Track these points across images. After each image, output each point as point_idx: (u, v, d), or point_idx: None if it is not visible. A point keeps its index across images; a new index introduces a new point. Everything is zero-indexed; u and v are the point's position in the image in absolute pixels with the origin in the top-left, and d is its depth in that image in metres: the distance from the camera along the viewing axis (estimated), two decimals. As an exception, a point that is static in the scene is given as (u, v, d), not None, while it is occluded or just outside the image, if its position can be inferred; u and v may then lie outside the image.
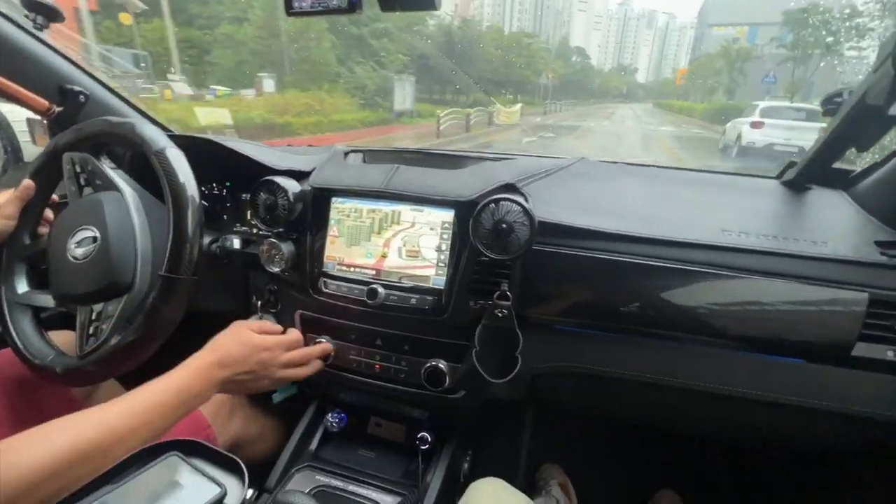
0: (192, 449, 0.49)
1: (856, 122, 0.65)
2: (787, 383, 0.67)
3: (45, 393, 0.76)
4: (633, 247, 0.70)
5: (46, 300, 0.72)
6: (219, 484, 0.45)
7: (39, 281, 0.75)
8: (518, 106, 17.44)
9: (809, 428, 0.74)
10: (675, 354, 0.71)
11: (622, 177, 0.90)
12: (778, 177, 0.86)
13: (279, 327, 0.76)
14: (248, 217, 0.96)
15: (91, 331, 0.67)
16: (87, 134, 0.73)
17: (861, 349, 0.62)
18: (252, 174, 0.85)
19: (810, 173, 0.78)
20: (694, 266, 0.66)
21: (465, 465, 0.91)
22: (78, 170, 0.74)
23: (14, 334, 0.70)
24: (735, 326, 0.66)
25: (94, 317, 0.67)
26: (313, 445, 0.89)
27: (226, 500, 0.45)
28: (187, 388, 0.59)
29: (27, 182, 0.74)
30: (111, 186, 0.72)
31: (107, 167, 0.73)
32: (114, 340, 0.64)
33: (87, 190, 0.73)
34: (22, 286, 0.74)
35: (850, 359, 0.63)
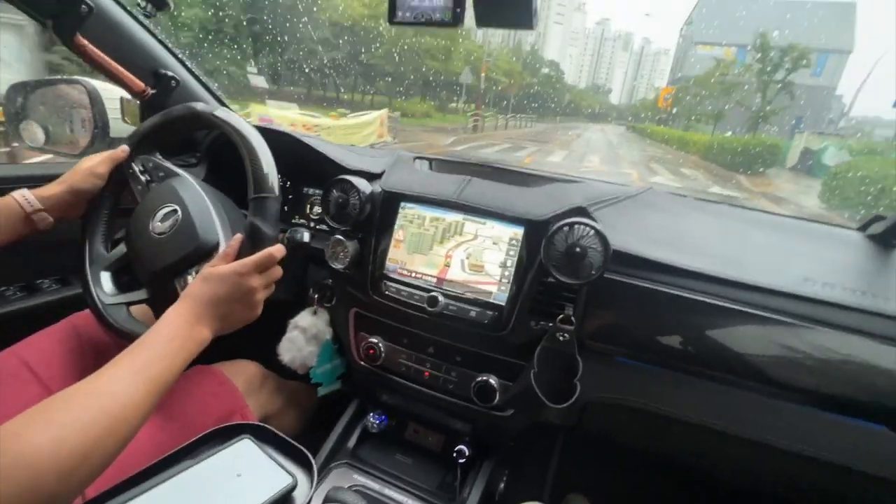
0: (263, 435, 0.51)
1: None
2: (865, 450, 0.63)
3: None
4: (707, 286, 0.68)
5: (139, 294, 0.74)
6: (291, 474, 0.46)
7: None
8: (375, 114, 9.26)
9: (878, 498, 0.69)
10: (742, 403, 0.68)
11: (693, 212, 0.88)
12: (861, 228, 0.82)
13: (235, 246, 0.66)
14: (308, 210, 0.99)
15: None
16: (174, 117, 0.77)
17: None
18: (320, 170, 0.88)
19: None
20: (773, 314, 0.64)
21: (502, 486, 0.90)
22: (140, 169, 0.79)
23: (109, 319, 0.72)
24: (811, 381, 0.63)
25: (192, 276, 0.69)
26: (351, 443, 0.89)
27: (295, 492, 0.46)
28: (176, 336, 0.55)
29: (124, 147, 0.78)
30: (173, 174, 0.78)
31: (165, 161, 0.80)
32: None
33: (153, 185, 0.78)
34: (103, 251, 0.77)
35: None
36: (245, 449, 0.49)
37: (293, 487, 0.45)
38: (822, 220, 0.90)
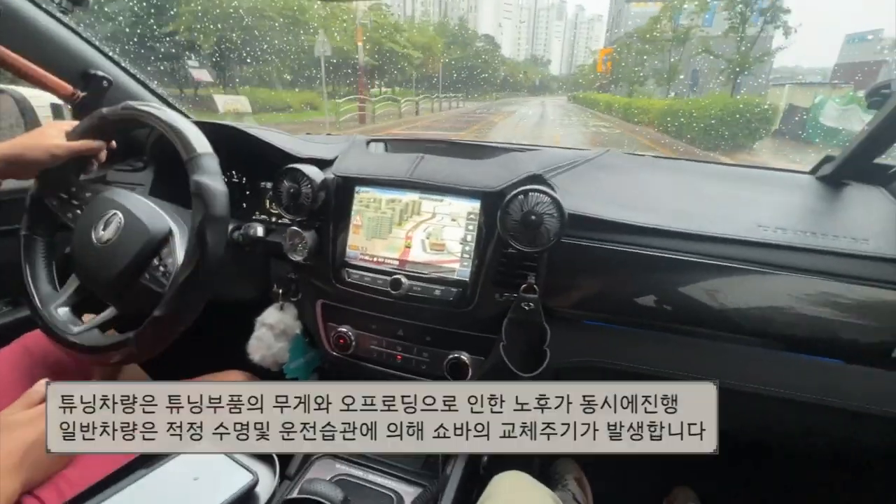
0: (222, 435, 0.49)
1: None
2: (824, 384, 0.65)
3: (73, 376, 0.77)
4: (664, 241, 0.68)
5: (108, 313, 0.71)
6: (251, 471, 0.45)
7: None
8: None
9: (845, 429, 0.72)
10: (706, 352, 0.69)
11: (650, 169, 0.88)
12: (812, 171, 0.83)
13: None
14: (268, 205, 0.96)
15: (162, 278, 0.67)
16: (134, 112, 0.72)
17: None
18: (273, 162, 0.85)
19: (849, 169, 0.76)
20: (728, 262, 0.65)
21: (485, 458, 0.91)
22: (63, 198, 0.75)
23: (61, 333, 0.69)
24: (770, 325, 0.64)
25: (158, 272, 0.67)
26: None
27: (257, 489, 0.45)
28: None
29: (102, 143, 0.74)
30: (101, 189, 0.74)
31: (83, 180, 0.77)
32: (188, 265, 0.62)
33: (85, 206, 0.74)
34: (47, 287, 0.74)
35: (891, 360, 0.61)
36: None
37: (254, 484, 0.44)
38: (778, 168, 0.92)
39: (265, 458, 0.47)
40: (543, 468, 1.19)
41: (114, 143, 0.78)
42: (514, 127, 17.16)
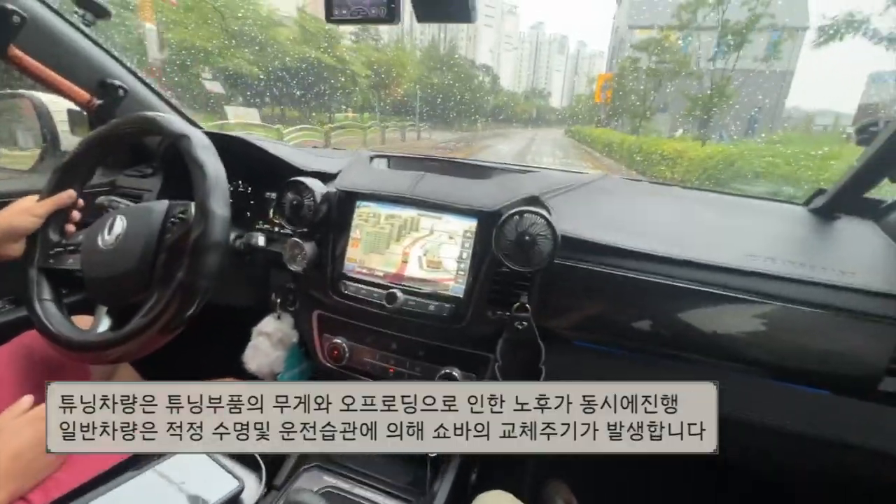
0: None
1: (892, 152, 0.64)
2: (811, 414, 0.65)
3: (70, 376, 0.78)
4: (654, 266, 0.69)
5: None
6: (237, 478, 0.46)
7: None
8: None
9: (830, 460, 0.72)
10: (694, 378, 0.69)
11: (646, 195, 0.89)
12: (805, 203, 0.85)
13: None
14: (271, 215, 0.98)
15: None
16: (120, 129, 0.75)
17: (889, 384, 0.61)
18: (278, 174, 0.87)
19: (840, 202, 0.77)
20: (718, 289, 0.66)
21: (473, 477, 0.91)
22: (59, 250, 0.76)
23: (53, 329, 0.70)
24: (758, 353, 0.65)
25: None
26: None
27: (243, 495, 0.45)
28: None
29: (71, 192, 0.76)
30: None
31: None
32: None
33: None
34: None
35: (878, 393, 0.61)
36: (192, 457, 0.48)
37: (240, 491, 0.45)
38: (772, 198, 0.93)
39: (252, 465, 0.48)
40: (534, 490, 1.17)
41: (80, 202, 0.79)
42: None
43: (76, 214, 0.79)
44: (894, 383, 0.61)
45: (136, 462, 0.48)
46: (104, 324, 0.71)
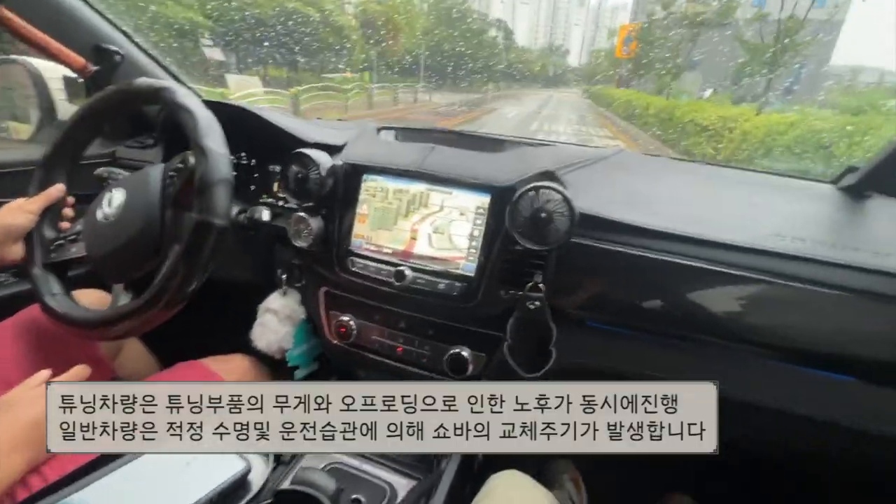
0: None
1: None
2: (834, 401, 0.63)
3: (76, 350, 0.77)
4: (676, 246, 0.66)
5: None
6: (244, 458, 0.45)
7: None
8: None
9: (853, 449, 0.70)
10: (714, 361, 0.68)
11: (665, 171, 0.85)
12: (834, 181, 0.81)
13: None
14: (276, 189, 0.95)
15: None
16: (104, 102, 0.72)
17: None
18: (283, 146, 0.84)
19: (874, 180, 0.73)
20: (741, 271, 0.63)
21: (480, 456, 0.91)
22: (60, 242, 0.74)
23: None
24: (781, 338, 0.63)
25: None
26: None
27: (250, 476, 0.45)
28: None
29: (59, 185, 0.74)
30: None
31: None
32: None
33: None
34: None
35: None
36: (198, 436, 0.47)
37: (247, 472, 0.44)
38: (799, 175, 0.89)
39: (260, 446, 0.47)
40: (540, 467, 1.18)
41: (70, 200, 0.77)
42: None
43: (68, 212, 0.78)
44: None
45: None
46: (123, 300, 0.70)
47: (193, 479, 0.42)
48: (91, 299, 0.84)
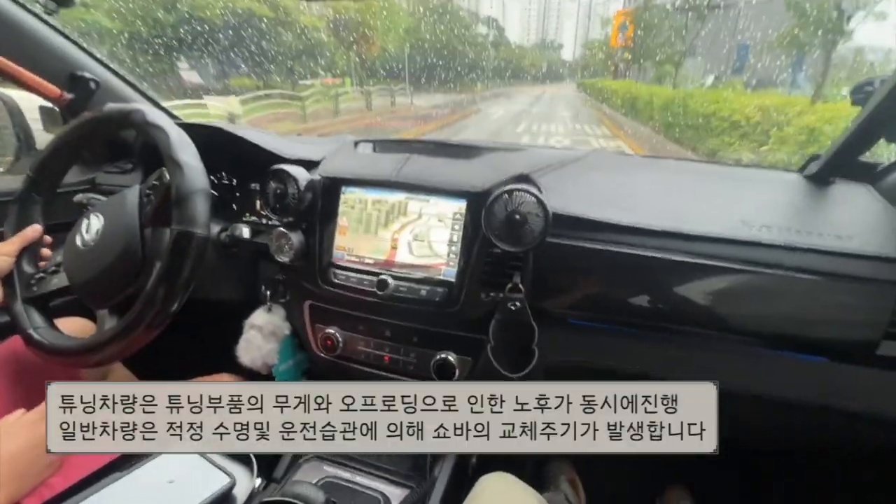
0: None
1: (888, 111, 0.62)
2: (810, 382, 0.65)
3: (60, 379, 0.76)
4: (648, 240, 0.68)
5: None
6: (228, 474, 0.45)
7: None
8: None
9: (834, 428, 0.72)
10: (691, 351, 0.69)
11: (637, 169, 0.88)
12: (800, 170, 0.83)
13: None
14: (258, 207, 0.96)
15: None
16: (76, 132, 0.73)
17: (887, 348, 0.60)
18: (261, 163, 0.84)
19: (835, 166, 0.76)
20: (713, 260, 0.64)
21: (474, 459, 0.91)
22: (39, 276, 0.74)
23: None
24: (755, 323, 0.64)
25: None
26: None
27: (235, 491, 0.45)
28: None
29: (35, 226, 0.74)
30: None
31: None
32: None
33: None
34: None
35: (876, 358, 0.61)
36: (182, 454, 0.47)
37: (231, 487, 0.44)
38: (766, 166, 0.92)
39: (243, 460, 0.47)
40: (537, 469, 1.18)
41: (47, 239, 0.77)
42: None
43: (46, 252, 0.77)
44: (893, 347, 0.60)
45: (126, 461, 0.47)
46: (108, 325, 0.69)
47: (178, 497, 0.42)
48: (75, 327, 0.83)
